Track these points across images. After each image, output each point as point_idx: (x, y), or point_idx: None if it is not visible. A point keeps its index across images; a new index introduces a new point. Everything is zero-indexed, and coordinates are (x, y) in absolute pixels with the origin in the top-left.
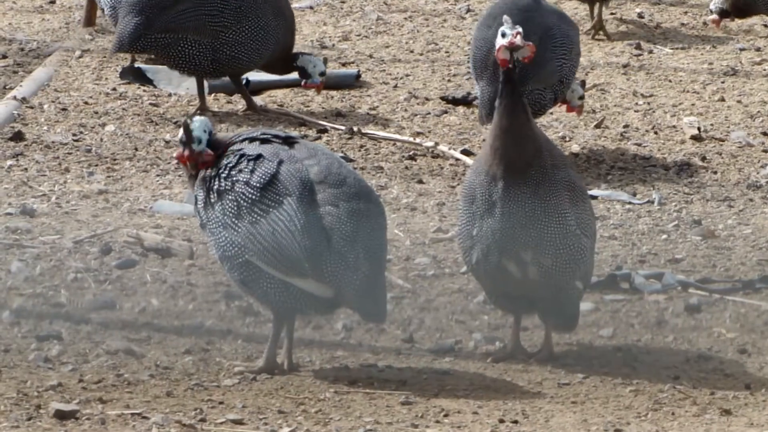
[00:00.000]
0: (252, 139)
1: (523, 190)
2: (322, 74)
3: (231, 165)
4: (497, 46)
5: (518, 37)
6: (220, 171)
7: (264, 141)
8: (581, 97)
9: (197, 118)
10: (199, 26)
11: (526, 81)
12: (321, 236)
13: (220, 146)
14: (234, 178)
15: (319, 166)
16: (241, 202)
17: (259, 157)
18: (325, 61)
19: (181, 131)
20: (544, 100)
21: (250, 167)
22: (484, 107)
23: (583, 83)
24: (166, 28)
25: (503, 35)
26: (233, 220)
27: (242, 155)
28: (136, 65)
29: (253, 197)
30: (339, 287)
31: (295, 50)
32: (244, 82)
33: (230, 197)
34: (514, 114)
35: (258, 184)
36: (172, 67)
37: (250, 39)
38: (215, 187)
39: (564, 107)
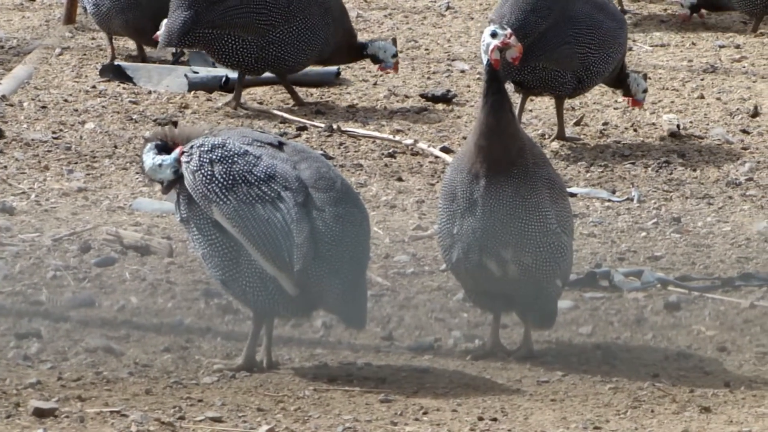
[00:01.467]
0: (244, 143)
1: (505, 189)
2: (395, 56)
3: (226, 157)
4: (490, 47)
5: (512, 38)
6: (215, 162)
7: (255, 145)
8: (645, 91)
9: (144, 152)
10: (247, 24)
11: (531, 57)
12: (309, 237)
13: (192, 138)
14: (233, 166)
15: (310, 170)
16: (239, 182)
17: (257, 155)
18: (394, 41)
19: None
20: (559, 82)
21: (251, 161)
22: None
23: (645, 76)
24: (214, 24)
25: (494, 35)
26: (224, 193)
27: (235, 153)
28: (116, 63)
29: (253, 183)
30: (319, 291)
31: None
32: (223, 80)
33: (225, 177)
34: (500, 112)
35: (260, 174)
36: (218, 62)
37: (297, 39)
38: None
39: (629, 100)
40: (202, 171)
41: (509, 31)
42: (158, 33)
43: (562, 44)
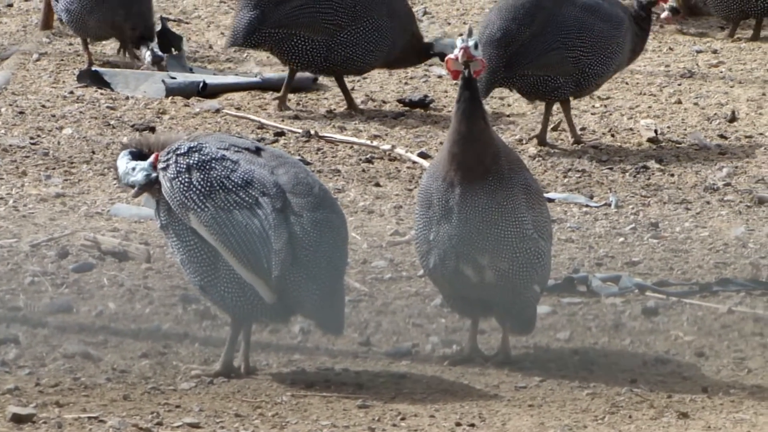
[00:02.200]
0: (221, 147)
1: (480, 196)
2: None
3: (204, 162)
4: (447, 57)
5: (461, 52)
6: (191, 167)
7: (233, 150)
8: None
9: (119, 158)
10: (314, 24)
11: (517, 66)
12: (288, 243)
13: (168, 144)
14: (210, 172)
15: (288, 175)
16: (217, 189)
17: (235, 160)
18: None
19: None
20: (551, 87)
21: (229, 166)
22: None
23: None
24: (280, 24)
25: (454, 47)
26: (202, 200)
27: (213, 158)
28: (93, 69)
29: (231, 189)
30: (297, 297)
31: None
32: (201, 85)
33: (203, 184)
34: (473, 120)
35: (238, 180)
36: (285, 63)
37: (364, 40)
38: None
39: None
40: (180, 179)
41: (466, 44)
42: (144, 54)
43: (548, 51)
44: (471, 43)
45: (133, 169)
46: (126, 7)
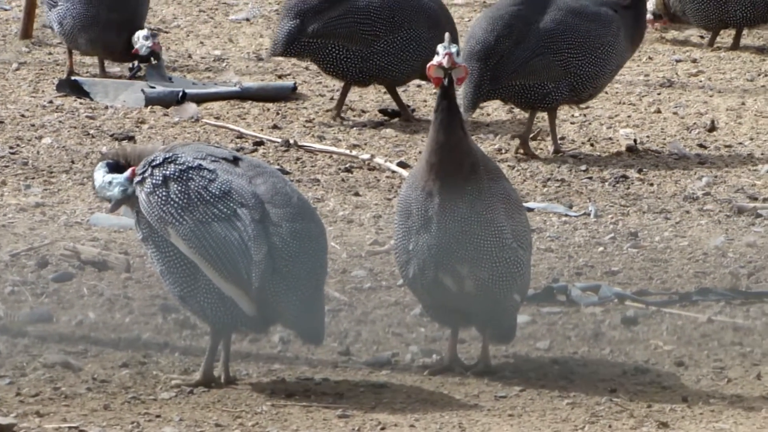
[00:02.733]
0: (198, 157)
1: (459, 206)
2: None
3: (181, 172)
4: (428, 64)
5: (446, 58)
6: (169, 178)
7: (210, 159)
8: None
9: (95, 171)
10: (351, 33)
11: (503, 77)
12: (267, 254)
13: (144, 156)
14: (188, 183)
15: (266, 185)
16: (195, 202)
17: (212, 170)
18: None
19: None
20: (541, 94)
21: (206, 176)
22: (463, 99)
23: None
24: (318, 33)
25: (437, 53)
26: (180, 213)
27: (190, 168)
28: (72, 78)
29: (209, 201)
30: (277, 307)
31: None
32: (180, 94)
33: (181, 197)
34: (451, 129)
35: (216, 191)
36: (324, 73)
37: (401, 50)
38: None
39: None
40: (157, 193)
41: (448, 50)
42: (136, 47)
43: (532, 57)
44: (454, 49)
45: (110, 183)
46: (121, 32)
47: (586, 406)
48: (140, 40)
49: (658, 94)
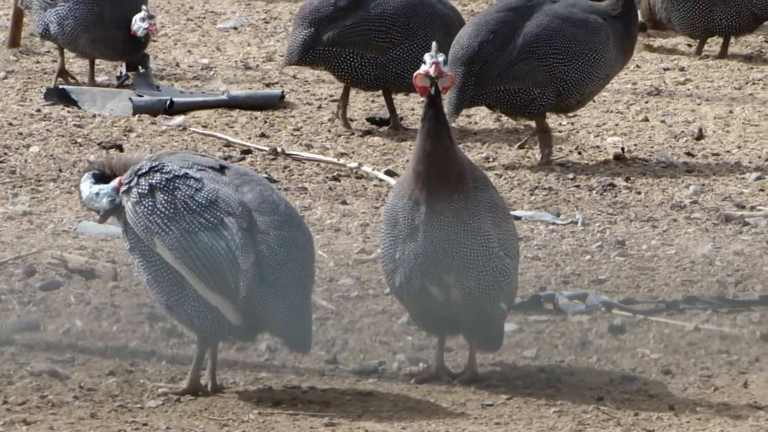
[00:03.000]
0: (184, 166)
1: (446, 215)
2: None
3: (167, 181)
4: (415, 73)
5: (433, 67)
6: (156, 188)
7: (196, 168)
8: None
9: (81, 182)
10: (366, 42)
11: (487, 82)
12: (254, 262)
13: (130, 166)
14: (174, 192)
15: (253, 193)
16: (181, 211)
17: (198, 179)
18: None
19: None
20: (526, 100)
21: (193, 186)
22: (447, 105)
23: None
24: (334, 42)
25: (423, 62)
26: (166, 224)
27: (176, 177)
28: (60, 86)
29: (195, 210)
30: (265, 315)
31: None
32: (167, 103)
33: (167, 207)
34: (438, 138)
35: (202, 201)
36: (339, 79)
37: (417, 58)
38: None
39: None
40: (143, 203)
41: (434, 59)
42: (134, 29)
43: (517, 62)
44: (440, 58)
45: (97, 194)
46: (119, 25)
47: (573, 415)
48: (137, 21)
49: (646, 102)
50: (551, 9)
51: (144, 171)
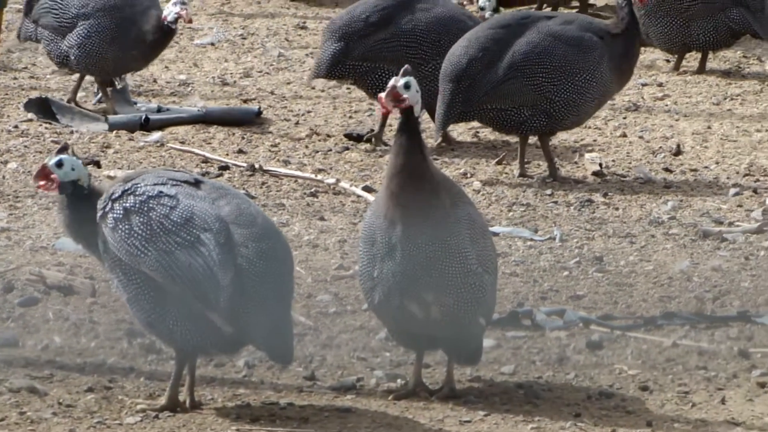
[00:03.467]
0: (158, 183)
1: (423, 232)
2: None
3: (141, 203)
4: (379, 95)
5: (387, 95)
6: (129, 206)
7: (171, 184)
8: None
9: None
10: (397, 57)
11: (475, 101)
12: (234, 275)
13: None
14: (149, 213)
15: (230, 206)
16: (157, 232)
17: (173, 196)
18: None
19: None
20: (517, 121)
21: (167, 204)
22: (435, 120)
23: None
24: (364, 57)
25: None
26: (144, 245)
27: (149, 197)
28: (44, 96)
29: (171, 230)
30: (247, 327)
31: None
32: (143, 119)
33: (143, 229)
34: (410, 154)
35: (178, 219)
36: (369, 95)
37: None
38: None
39: None
40: (120, 228)
41: (395, 82)
42: (164, 14)
43: (505, 80)
44: (401, 82)
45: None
46: (139, 44)
47: (551, 431)
48: (169, 6)
49: (624, 118)
50: (545, 26)
51: (117, 195)
